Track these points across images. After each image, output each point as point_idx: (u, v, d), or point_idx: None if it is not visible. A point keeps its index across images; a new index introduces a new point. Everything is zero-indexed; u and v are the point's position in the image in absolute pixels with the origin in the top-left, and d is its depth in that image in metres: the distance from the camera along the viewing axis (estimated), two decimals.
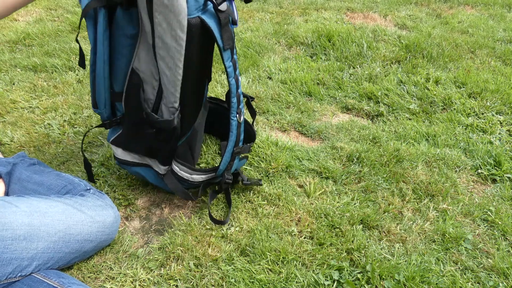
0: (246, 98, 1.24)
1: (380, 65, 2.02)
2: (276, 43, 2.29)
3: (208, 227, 1.09)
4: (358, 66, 2.01)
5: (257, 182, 1.19)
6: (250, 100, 1.28)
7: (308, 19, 2.66)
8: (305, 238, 1.06)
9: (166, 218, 1.14)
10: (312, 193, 1.20)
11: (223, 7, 0.96)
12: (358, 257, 1.00)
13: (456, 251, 1.04)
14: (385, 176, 1.29)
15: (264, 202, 1.17)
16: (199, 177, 1.14)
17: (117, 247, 1.03)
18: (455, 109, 1.68)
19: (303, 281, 0.94)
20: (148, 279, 0.95)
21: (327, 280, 0.94)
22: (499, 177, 1.32)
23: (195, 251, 1.01)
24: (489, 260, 1.02)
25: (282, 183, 1.25)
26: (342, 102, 1.73)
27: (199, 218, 1.12)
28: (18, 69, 1.93)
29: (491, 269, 1.00)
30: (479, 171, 1.34)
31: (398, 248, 1.04)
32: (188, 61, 0.98)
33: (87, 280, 0.95)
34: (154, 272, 0.97)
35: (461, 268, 1.00)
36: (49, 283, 0.82)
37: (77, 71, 1.94)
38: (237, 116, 1.10)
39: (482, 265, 1.01)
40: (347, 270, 0.97)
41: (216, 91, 1.77)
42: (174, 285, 0.94)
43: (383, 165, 1.33)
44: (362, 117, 1.67)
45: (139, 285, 0.94)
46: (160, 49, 0.95)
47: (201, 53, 1.04)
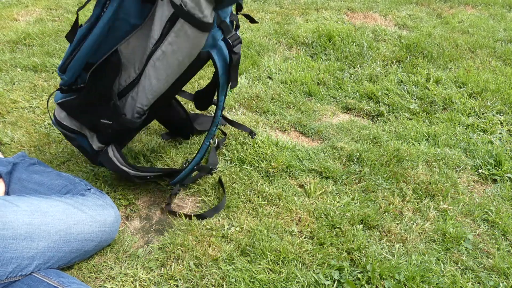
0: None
1: (380, 65, 2.02)
2: (276, 43, 2.29)
3: (209, 227, 1.09)
4: (358, 66, 2.01)
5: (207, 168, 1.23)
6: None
7: (308, 19, 2.66)
8: (305, 238, 1.06)
9: (166, 218, 1.14)
10: (312, 193, 1.20)
11: (237, 49, 0.98)
12: (359, 257, 1.00)
13: (457, 251, 1.04)
14: (385, 176, 1.29)
15: (264, 202, 1.17)
16: (129, 171, 1.12)
17: (117, 247, 1.03)
18: (455, 109, 1.68)
19: (304, 281, 0.94)
20: (149, 279, 0.95)
21: (328, 280, 0.94)
22: (500, 177, 1.32)
23: (195, 251, 1.01)
24: (490, 260, 1.02)
25: (283, 183, 1.25)
26: (342, 102, 1.73)
27: (199, 218, 1.12)
28: (19, 69, 1.93)
29: (491, 269, 1.00)
30: (480, 171, 1.34)
31: (399, 248, 1.04)
32: (177, 80, 0.99)
33: (87, 280, 0.95)
34: (154, 272, 0.97)
35: (461, 268, 1.00)
36: (49, 282, 0.82)
37: None
38: (210, 140, 1.15)
39: (482, 265, 1.01)
40: (347, 270, 0.97)
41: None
42: (174, 285, 0.94)
43: (383, 165, 1.33)
44: (363, 117, 1.67)
45: (139, 285, 0.94)
46: (159, 60, 0.94)
47: (191, 75, 1.05)
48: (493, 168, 1.35)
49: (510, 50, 2.22)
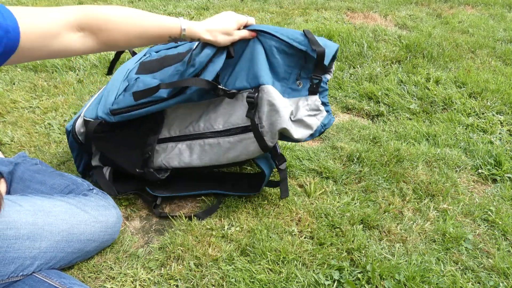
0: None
1: (380, 65, 2.02)
2: None
3: (209, 227, 1.09)
4: (358, 66, 2.01)
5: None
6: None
7: (308, 19, 2.66)
8: (305, 238, 1.06)
9: (167, 218, 1.14)
10: (312, 193, 1.20)
11: (283, 166, 1.08)
12: (359, 257, 1.00)
13: (457, 251, 1.04)
14: (385, 176, 1.29)
15: (264, 202, 1.17)
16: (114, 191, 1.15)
17: (117, 247, 1.03)
18: (455, 109, 1.68)
19: (304, 281, 0.94)
20: (149, 279, 0.95)
21: (328, 280, 0.94)
22: (500, 177, 1.32)
23: (195, 251, 1.01)
24: (490, 260, 1.02)
25: None
26: (342, 102, 1.73)
27: (199, 218, 1.12)
28: (18, 69, 1.93)
29: (491, 269, 1.00)
30: (480, 171, 1.34)
31: (399, 248, 1.04)
32: (215, 165, 1.11)
33: (87, 279, 0.95)
34: (154, 272, 0.97)
35: (461, 268, 1.00)
36: (50, 283, 0.82)
37: (77, 71, 1.94)
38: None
39: (482, 265, 1.01)
40: (347, 270, 0.97)
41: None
42: (174, 285, 0.94)
43: (383, 165, 1.33)
44: (363, 117, 1.67)
45: (139, 285, 0.94)
46: (210, 146, 1.05)
47: (229, 166, 1.20)
48: (493, 168, 1.35)
49: (510, 50, 2.22)
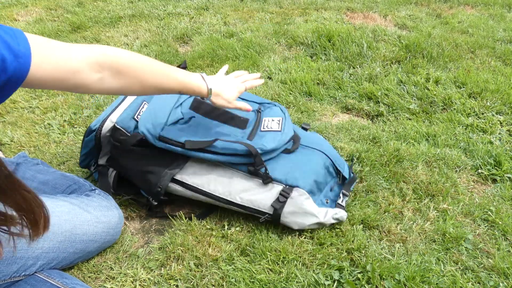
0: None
1: (380, 65, 2.02)
2: (276, 43, 2.29)
3: (209, 227, 1.09)
4: (358, 66, 2.01)
5: None
6: None
7: (308, 19, 2.66)
8: (305, 238, 1.06)
9: (167, 218, 1.14)
10: None
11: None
12: (359, 257, 1.00)
13: (457, 251, 1.04)
14: (385, 176, 1.29)
15: None
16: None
17: (117, 247, 1.03)
18: (455, 109, 1.68)
19: (304, 281, 0.94)
20: (149, 279, 0.95)
21: (328, 280, 0.94)
22: (499, 177, 1.32)
23: (195, 251, 1.01)
24: (490, 260, 1.02)
25: None
26: (342, 102, 1.73)
27: (199, 218, 1.12)
28: None
29: (491, 269, 1.00)
30: (479, 171, 1.34)
31: (399, 248, 1.04)
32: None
33: (88, 279, 0.95)
34: (154, 272, 0.97)
35: (461, 268, 1.00)
36: (52, 283, 0.82)
37: None
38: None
39: (482, 265, 1.01)
40: (347, 270, 0.97)
41: None
42: (174, 285, 0.94)
43: (383, 165, 1.33)
44: (362, 117, 1.67)
45: (139, 285, 0.94)
46: (218, 204, 1.11)
47: None
48: (493, 168, 1.35)
49: (509, 50, 2.22)
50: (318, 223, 1.05)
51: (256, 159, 1.03)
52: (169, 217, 1.13)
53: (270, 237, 1.06)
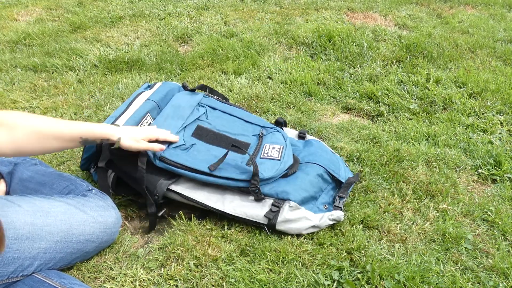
0: None
1: (380, 65, 2.02)
2: (276, 43, 2.29)
3: (208, 227, 1.09)
4: (358, 66, 2.01)
5: None
6: None
7: (308, 19, 2.66)
8: (305, 238, 1.06)
9: (166, 218, 1.14)
10: None
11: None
12: (358, 257, 1.00)
13: (456, 251, 1.04)
14: (385, 176, 1.29)
15: None
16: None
17: (117, 247, 1.03)
18: (455, 109, 1.68)
19: (303, 281, 0.94)
20: (148, 279, 0.95)
21: (327, 280, 0.94)
22: (499, 177, 1.32)
23: (195, 251, 1.01)
24: (489, 260, 1.02)
25: None
26: (342, 102, 1.73)
27: (199, 218, 1.12)
28: (19, 69, 1.93)
29: (491, 269, 1.00)
30: (479, 171, 1.34)
31: (398, 248, 1.04)
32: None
33: (87, 280, 0.95)
34: (154, 272, 0.97)
35: (461, 268, 1.00)
36: (50, 283, 0.82)
37: (77, 71, 1.94)
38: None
39: (482, 265, 1.01)
40: (347, 270, 0.97)
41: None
42: (174, 285, 0.94)
43: (383, 165, 1.33)
44: (362, 117, 1.67)
45: (139, 285, 0.94)
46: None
47: None
48: (493, 168, 1.35)
49: (510, 50, 2.22)
50: (314, 226, 1.06)
51: (252, 186, 1.07)
52: (169, 217, 1.13)
53: (270, 237, 1.06)
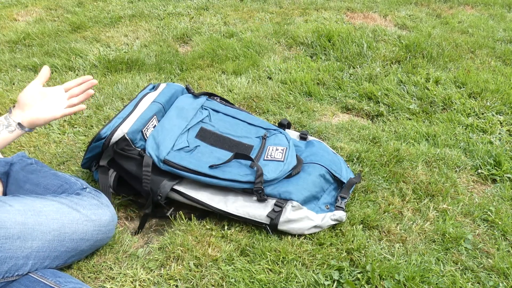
0: None
1: (380, 65, 2.02)
2: (276, 43, 2.29)
3: (208, 227, 1.09)
4: (358, 66, 2.01)
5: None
6: None
7: (308, 19, 2.66)
8: (305, 238, 1.06)
9: (166, 218, 1.14)
10: None
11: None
12: (358, 257, 1.00)
13: (456, 251, 1.04)
14: (385, 176, 1.29)
15: None
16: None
17: (117, 247, 1.03)
18: (455, 109, 1.68)
19: (303, 281, 0.94)
20: (148, 279, 0.95)
21: (327, 280, 0.94)
22: (499, 177, 1.32)
23: (195, 251, 1.01)
24: (489, 260, 1.02)
25: None
26: (342, 102, 1.73)
27: (199, 218, 1.12)
28: (18, 69, 1.93)
29: (491, 269, 1.00)
30: (479, 171, 1.34)
31: (398, 248, 1.04)
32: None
33: (87, 280, 0.95)
34: (154, 272, 0.97)
35: (461, 268, 1.00)
36: (46, 282, 0.82)
37: (77, 71, 1.94)
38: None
39: (482, 265, 1.01)
40: (347, 270, 0.97)
41: (216, 91, 1.77)
42: (174, 285, 0.94)
43: (383, 165, 1.33)
44: (362, 117, 1.67)
45: (139, 285, 0.94)
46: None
47: None
48: (492, 168, 1.35)
49: (509, 50, 2.22)
50: (316, 226, 1.06)
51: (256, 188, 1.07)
52: (169, 217, 1.13)
53: (270, 237, 1.06)
